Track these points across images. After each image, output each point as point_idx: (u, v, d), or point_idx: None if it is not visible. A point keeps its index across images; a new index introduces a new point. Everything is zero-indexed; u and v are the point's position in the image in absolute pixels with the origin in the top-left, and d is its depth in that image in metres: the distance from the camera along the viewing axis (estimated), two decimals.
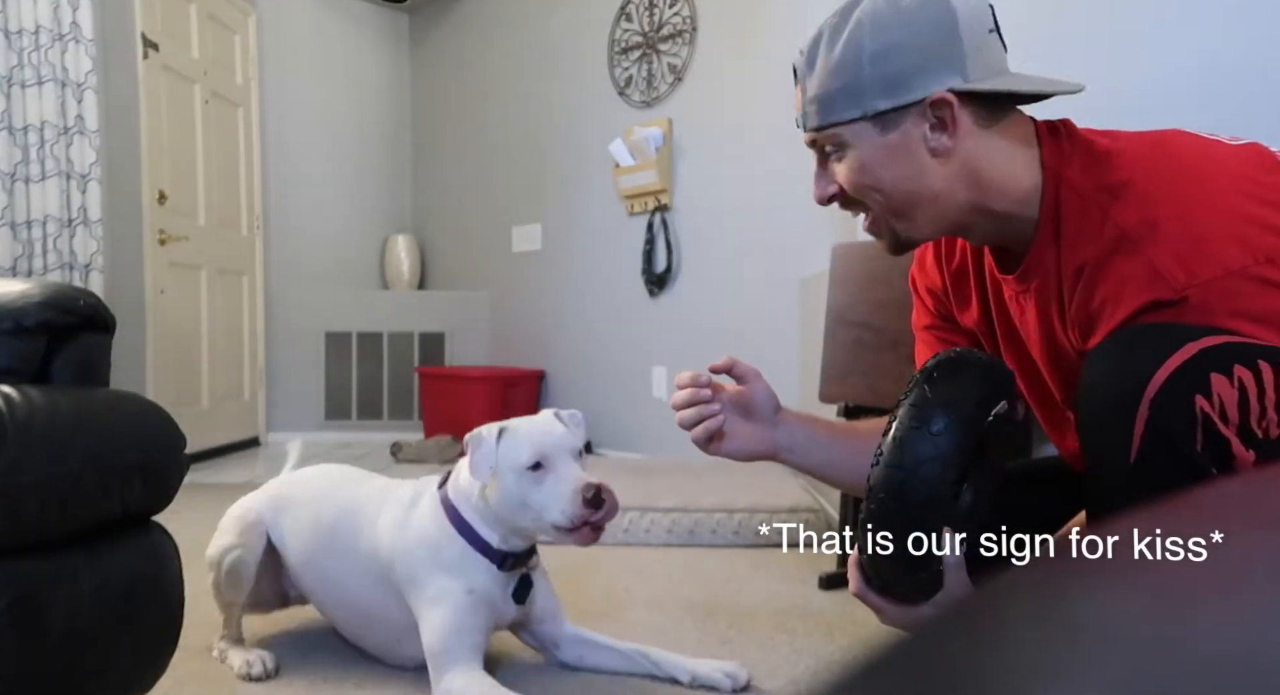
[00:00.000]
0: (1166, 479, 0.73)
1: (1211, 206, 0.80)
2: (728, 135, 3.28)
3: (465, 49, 4.61)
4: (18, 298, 1.02)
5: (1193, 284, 0.77)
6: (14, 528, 0.85)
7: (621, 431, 3.70)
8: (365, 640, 1.39)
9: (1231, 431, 0.71)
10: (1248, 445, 0.71)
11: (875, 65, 0.86)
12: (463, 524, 1.26)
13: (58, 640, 0.89)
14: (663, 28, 3.52)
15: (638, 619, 1.62)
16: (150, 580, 1.02)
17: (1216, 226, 0.78)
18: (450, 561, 1.25)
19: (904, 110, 0.87)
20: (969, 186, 0.90)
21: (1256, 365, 0.71)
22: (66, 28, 2.86)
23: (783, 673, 1.35)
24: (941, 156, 0.88)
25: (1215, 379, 0.71)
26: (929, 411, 0.84)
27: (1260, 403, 0.70)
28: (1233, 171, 0.82)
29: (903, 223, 0.94)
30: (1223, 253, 0.77)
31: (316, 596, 1.42)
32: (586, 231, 3.90)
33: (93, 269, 2.92)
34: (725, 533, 2.20)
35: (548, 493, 1.19)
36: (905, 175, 0.89)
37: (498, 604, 1.28)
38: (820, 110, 0.90)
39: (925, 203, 0.91)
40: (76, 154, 2.89)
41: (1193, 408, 0.71)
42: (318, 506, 1.41)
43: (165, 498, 1.03)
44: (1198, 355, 0.72)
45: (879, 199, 0.92)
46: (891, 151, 0.89)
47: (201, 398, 3.73)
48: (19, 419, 0.87)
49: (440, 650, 1.21)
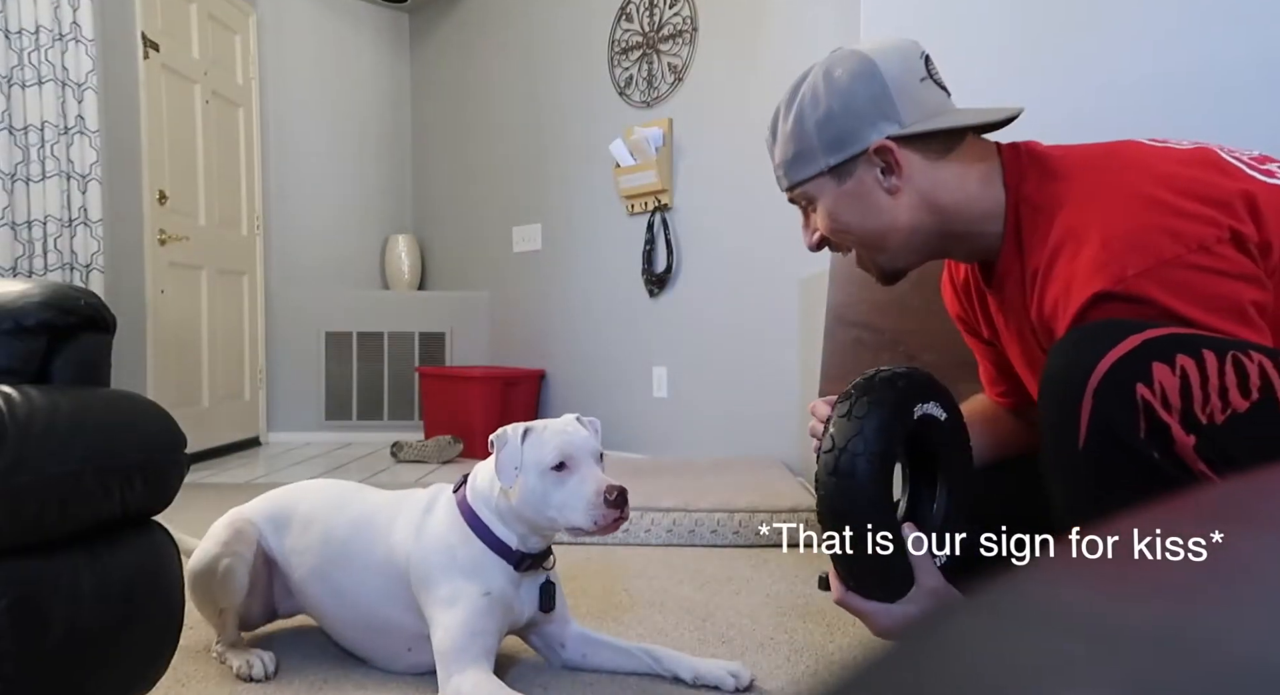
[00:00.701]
0: (1114, 466, 0.77)
1: (1143, 203, 0.84)
2: (728, 135, 3.28)
3: (466, 49, 4.61)
4: (18, 298, 1.02)
5: (1128, 275, 0.81)
6: (14, 528, 0.85)
7: (622, 431, 3.70)
8: (373, 651, 1.37)
9: (1174, 418, 0.74)
10: (1188, 431, 0.73)
11: (820, 131, 1.00)
12: (480, 526, 1.26)
13: (58, 640, 0.89)
14: (663, 28, 3.52)
15: (638, 619, 1.62)
16: (151, 580, 1.02)
17: (1148, 220, 0.83)
18: (467, 563, 1.25)
19: (853, 161, 0.99)
20: (930, 214, 1.00)
21: (1200, 353, 0.74)
22: (67, 28, 2.86)
23: (783, 673, 1.35)
24: (896, 194, 1.00)
25: (1157, 367, 0.74)
26: (853, 402, 0.94)
27: (1204, 390, 0.73)
28: (1168, 170, 0.87)
29: (882, 255, 1.05)
30: (1155, 243, 0.81)
31: (323, 610, 1.41)
32: (587, 231, 3.90)
33: (93, 269, 2.92)
34: (725, 533, 2.20)
35: (570, 492, 1.19)
36: (867, 215, 1.02)
37: (513, 607, 1.28)
38: (786, 173, 1.06)
39: (893, 235, 1.02)
40: (77, 154, 2.89)
41: (1134, 395, 0.74)
42: (328, 521, 1.39)
43: (166, 498, 1.03)
44: (1141, 345, 0.75)
45: (853, 239, 1.05)
46: (851, 197, 1.01)
47: (202, 398, 3.73)
48: (19, 419, 0.87)
49: (451, 651, 1.20)
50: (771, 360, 3.12)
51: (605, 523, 1.18)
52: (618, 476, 1.25)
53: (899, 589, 0.97)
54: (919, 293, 1.64)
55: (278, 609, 1.48)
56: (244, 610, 1.41)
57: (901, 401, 0.96)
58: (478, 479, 1.30)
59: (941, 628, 0.21)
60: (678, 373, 3.53)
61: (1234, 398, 0.73)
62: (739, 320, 3.26)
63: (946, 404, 1.03)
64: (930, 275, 1.62)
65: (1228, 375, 0.73)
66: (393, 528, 1.33)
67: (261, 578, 1.43)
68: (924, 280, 1.64)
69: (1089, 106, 1.63)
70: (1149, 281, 0.80)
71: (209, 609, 1.41)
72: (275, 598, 1.47)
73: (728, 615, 1.64)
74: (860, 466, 0.91)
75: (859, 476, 0.91)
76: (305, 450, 4.03)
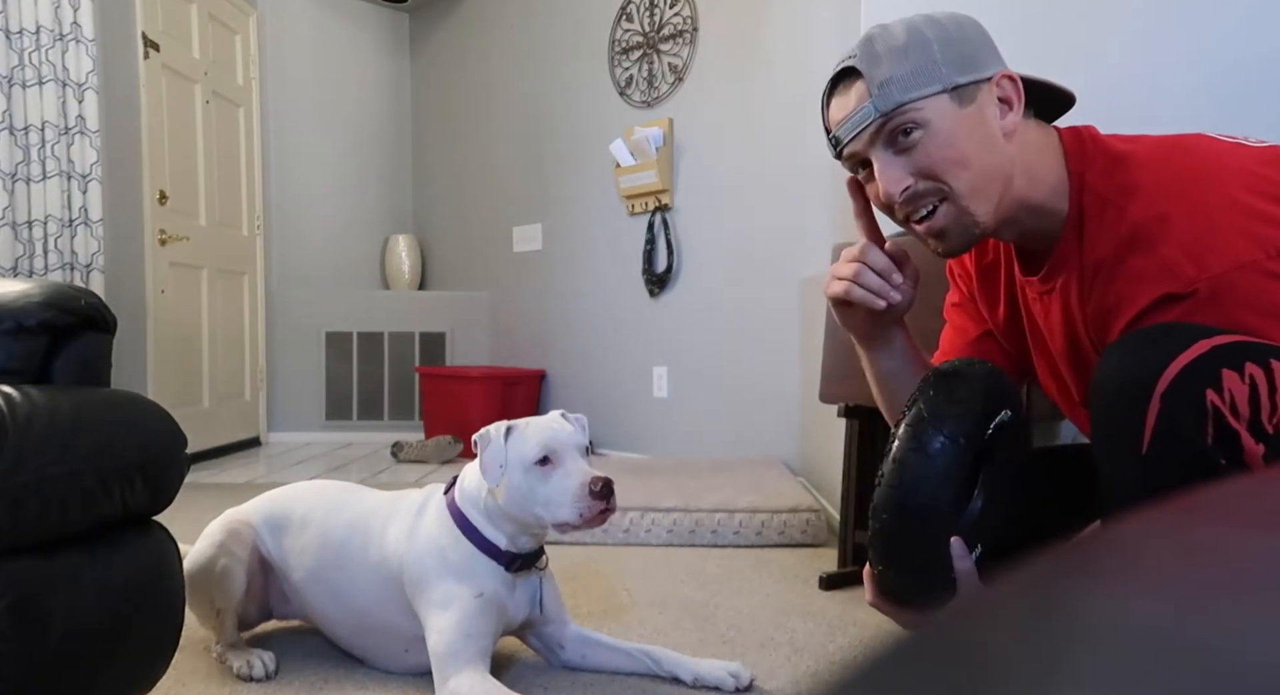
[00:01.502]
0: (1177, 471, 0.75)
1: (1220, 203, 0.81)
2: (728, 135, 3.28)
3: (466, 49, 4.61)
4: (18, 298, 1.02)
5: (1202, 277, 0.79)
6: (15, 528, 0.85)
7: (622, 431, 3.70)
8: (371, 652, 1.38)
9: (1242, 425, 0.72)
10: (1258, 439, 0.72)
11: (945, 48, 0.90)
12: (470, 527, 1.26)
13: (59, 640, 0.89)
14: (663, 28, 3.52)
15: (639, 619, 1.62)
16: (151, 580, 1.02)
17: (1226, 222, 0.80)
18: (458, 565, 1.25)
19: (978, 85, 0.90)
20: (1021, 173, 0.93)
21: (1269, 363, 0.72)
22: (67, 28, 2.86)
23: (783, 673, 1.35)
24: (1008, 137, 0.91)
25: (1226, 374, 0.72)
26: (925, 432, 0.84)
27: (1271, 399, 0.72)
28: (1245, 168, 0.83)
29: (981, 205, 0.92)
30: (1232, 247, 0.79)
31: (320, 612, 1.41)
32: (587, 231, 3.90)
33: (93, 269, 2.92)
34: (726, 533, 2.20)
35: (555, 487, 1.19)
36: (987, 148, 0.91)
37: (507, 608, 1.28)
38: (898, 89, 0.90)
39: (1000, 182, 0.92)
40: (77, 154, 2.89)
41: (1203, 401, 0.73)
42: (324, 523, 1.39)
43: (166, 498, 1.03)
44: (1210, 351, 0.73)
45: (964, 176, 0.90)
46: (972, 123, 0.90)
47: (202, 398, 3.73)
48: (20, 419, 0.87)
49: (446, 654, 1.20)
50: (772, 360, 3.12)
51: (591, 515, 1.18)
52: (618, 477, 1.25)
53: (943, 603, 0.86)
54: (919, 293, 1.64)
55: (274, 611, 1.48)
56: (240, 611, 1.40)
57: (981, 421, 0.86)
58: (465, 480, 1.30)
59: (944, 627, 0.21)
60: (678, 373, 3.53)
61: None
62: (740, 320, 3.26)
63: (1016, 404, 0.93)
64: (930, 276, 1.62)
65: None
66: (387, 530, 1.33)
67: (258, 579, 1.43)
68: (924, 281, 1.64)
69: (1090, 106, 1.63)
70: (1221, 286, 0.78)
71: (205, 610, 1.41)
72: (271, 600, 1.47)
73: (728, 615, 1.64)
74: (929, 510, 0.82)
75: (930, 522, 0.83)
76: (305, 450, 4.03)
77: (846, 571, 1.84)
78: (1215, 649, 0.18)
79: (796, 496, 2.28)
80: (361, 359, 4.35)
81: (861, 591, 1.76)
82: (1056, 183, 0.93)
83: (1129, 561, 0.25)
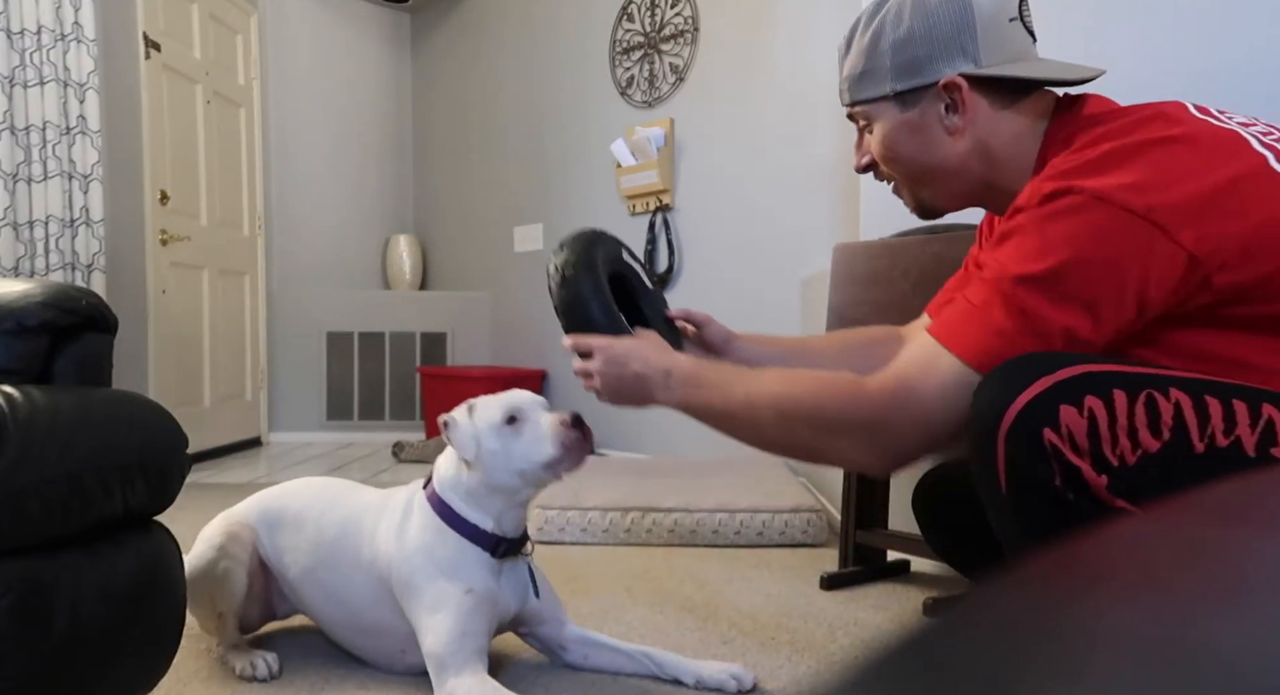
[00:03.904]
0: (1037, 511, 0.77)
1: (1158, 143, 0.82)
2: (729, 135, 3.28)
3: (467, 49, 4.61)
4: (20, 298, 1.02)
5: (1086, 186, 0.80)
6: (16, 527, 0.85)
7: (623, 432, 3.70)
8: (368, 652, 1.37)
9: (1084, 460, 0.73)
10: (1100, 471, 0.73)
11: (895, 52, 0.97)
12: (453, 515, 1.26)
13: (60, 640, 0.89)
14: (664, 28, 3.52)
15: (640, 619, 1.62)
16: (152, 580, 1.02)
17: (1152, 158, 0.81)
18: (446, 561, 1.24)
19: (921, 91, 0.97)
20: (980, 161, 0.98)
21: (1110, 394, 0.73)
22: (69, 28, 2.86)
23: (785, 673, 1.35)
24: (955, 134, 0.97)
25: (1065, 410, 0.73)
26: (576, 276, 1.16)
27: (1111, 431, 0.72)
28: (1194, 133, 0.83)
29: (925, 191, 1.05)
30: (1138, 182, 0.79)
31: (316, 611, 1.40)
32: None
33: (95, 269, 2.92)
34: (727, 533, 2.20)
35: (529, 437, 1.22)
36: (921, 150, 1.00)
37: (498, 602, 1.27)
38: (851, 88, 1.03)
39: (940, 175, 1.01)
40: (78, 154, 2.89)
41: (1042, 441, 0.74)
42: (318, 521, 1.39)
43: (167, 498, 1.03)
44: (1050, 388, 0.74)
45: (901, 170, 1.04)
46: (910, 128, 0.99)
47: (203, 398, 3.74)
48: (21, 419, 0.87)
49: (442, 655, 1.19)
50: None
51: (571, 443, 1.20)
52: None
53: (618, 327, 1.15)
54: (920, 294, 1.64)
55: (275, 611, 1.48)
56: (242, 613, 1.40)
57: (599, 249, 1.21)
58: (441, 470, 1.30)
59: (944, 628, 0.21)
60: None
61: (1144, 438, 0.72)
62: (740, 320, 3.23)
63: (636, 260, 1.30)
64: (931, 276, 1.62)
65: (1138, 415, 0.72)
66: (377, 530, 1.32)
67: (258, 579, 1.42)
68: (925, 281, 1.64)
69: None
70: (1098, 205, 0.78)
71: (206, 613, 1.41)
72: (273, 599, 1.46)
73: (729, 615, 1.64)
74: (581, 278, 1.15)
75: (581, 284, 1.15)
76: (306, 450, 4.03)
77: (848, 572, 1.84)
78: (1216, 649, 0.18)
79: (797, 496, 2.28)
80: (363, 359, 4.35)
81: (863, 592, 1.77)
82: (1024, 165, 0.96)
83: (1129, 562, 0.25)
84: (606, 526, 2.22)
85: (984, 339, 0.82)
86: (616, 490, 2.35)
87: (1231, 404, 0.73)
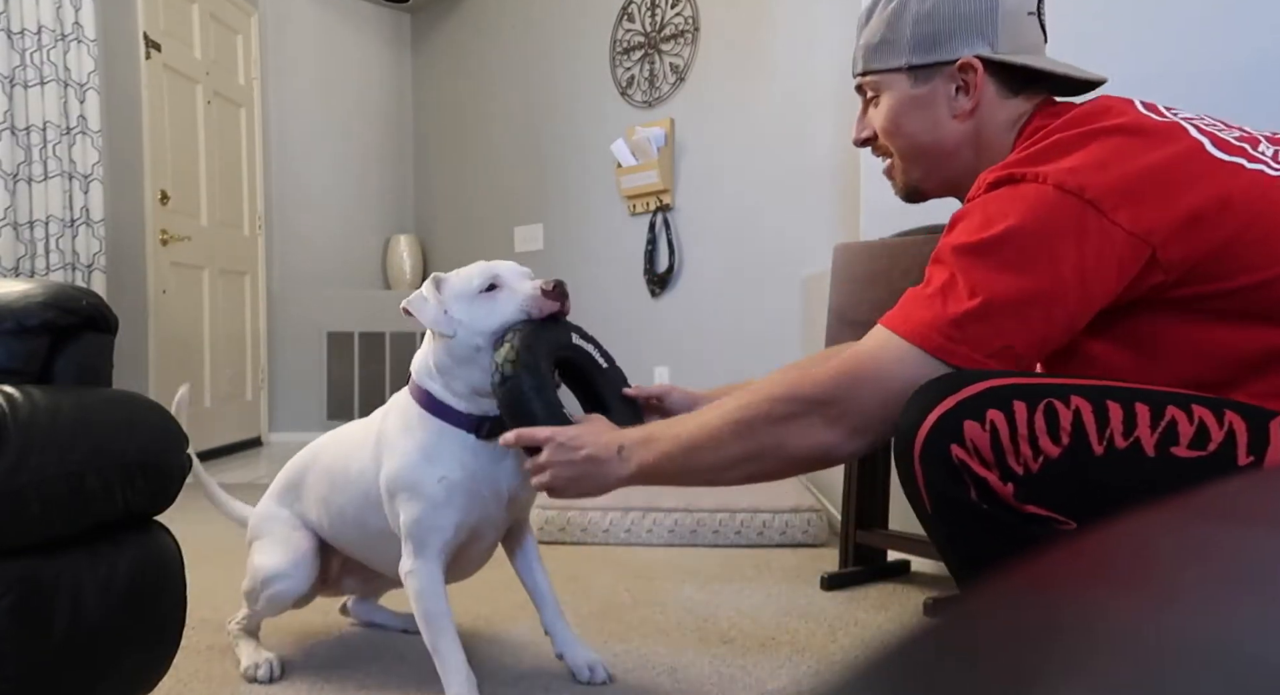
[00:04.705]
0: (959, 523, 0.80)
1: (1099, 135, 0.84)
2: (729, 135, 3.28)
3: (467, 49, 4.61)
4: (20, 298, 1.02)
5: (1038, 171, 0.82)
6: (17, 527, 0.85)
7: None
8: (379, 562, 1.36)
9: (990, 472, 0.76)
10: (1005, 480, 0.75)
11: (917, 25, 0.97)
12: (430, 401, 1.22)
13: (60, 640, 0.89)
14: (664, 28, 3.52)
15: (640, 619, 1.62)
16: (153, 580, 1.02)
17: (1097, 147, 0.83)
18: (426, 444, 1.21)
19: (935, 68, 0.98)
20: (973, 150, 0.99)
21: (1010, 406, 0.75)
22: (69, 28, 2.86)
23: (785, 673, 1.35)
24: (959, 118, 0.98)
25: (968, 425, 0.76)
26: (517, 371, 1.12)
27: (1013, 441, 0.75)
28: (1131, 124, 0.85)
29: (916, 171, 1.05)
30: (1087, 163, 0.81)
31: (337, 536, 1.38)
32: (588, 231, 3.90)
33: (95, 269, 2.93)
34: (727, 533, 2.20)
35: (505, 301, 1.18)
36: (923, 128, 1.00)
37: (481, 491, 1.21)
38: (866, 57, 1.03)
39: (935, 157, 1.02)
40: (79, 154, 2.89)
41: (950, 457, 0.76)
42: (325, 456, 1.38)
43: (168, 498, 1.03)
44: (955, 405, 0.77)
45: (900, 146, 1.04)
46: (918, 103, 1.00)
47: (204, 398, 3.74)
48: (21, 419, 0.87)
49: (409, 541, 1.21)
50: (773, 360, 3.11)
51: (544, 316, 1.17)
52: None
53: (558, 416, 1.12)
54: None
55: (329, 576, 1.45)
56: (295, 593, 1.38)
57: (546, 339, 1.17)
58: (416, 363, 1.27)
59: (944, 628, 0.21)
60: (680, 373, 3.53)
61: (1045, 444, 0.74)
62: (741, 320, 3.26)
63: (596, 343, 1.27)
64: None
65: (1037, 424, 0.74)
66: (365, 442, 1.31)
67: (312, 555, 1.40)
68: None
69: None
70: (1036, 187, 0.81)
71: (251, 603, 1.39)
72: (328, 566, 1.44)
73: (729, 615, 1.64)
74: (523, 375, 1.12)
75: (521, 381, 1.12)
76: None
77: (848, 572, 1.84)
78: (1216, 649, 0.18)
79: (798, 497, 2.28)
80: (363, 359, 4.35)
81: (864, 592, 1.77)
82: (1000, 155, 0.97)
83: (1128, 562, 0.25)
84: (606, 526, 2.22)
85: (930, 312, 0.83)
86: (616, 490, 2.35)
87: (1134, 406, 0.75)
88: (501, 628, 1.57)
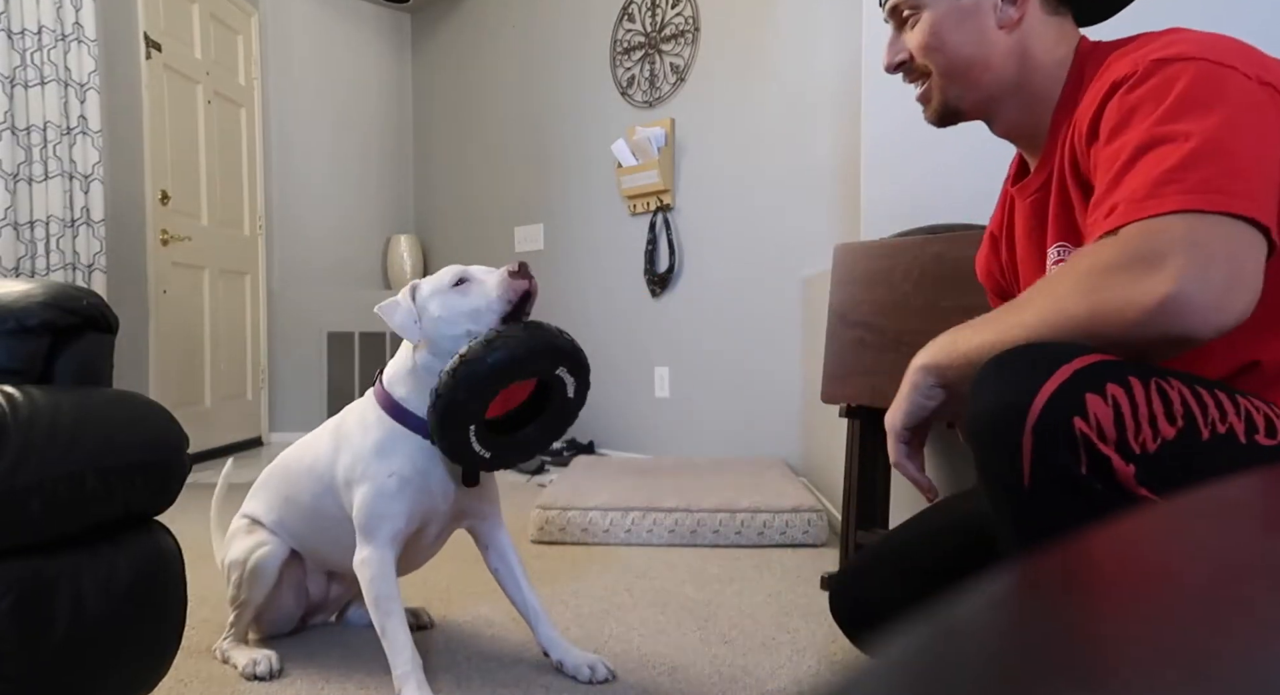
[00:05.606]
0: (1062, 501, 0.76)
1: (1225, 40, 0.84)
2: (730, 135, 3.28)
3: (467, 49, 4.61)
4: (20, 298, 1.02)
5: (1207, 56, 0.80)
6: (17, 528, 0.85)
7: (624, 432, 3.70)
8: (335, 555, 1.40)
9: (1111, 449, 0.73)
10: (1127, 460, 0.73)
11: None
12: (391, 404, 1.29)
13: (60, 640, 0.89)
14: (665, 28, 3.52)
15: (640, 619, 1.62)
16: (153, 580, 1.02)
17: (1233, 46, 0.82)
18: (379, 443, 1.28)
19: None
20: (1018, 63, 0.99)
21: (1127, 381, 0.73)
22: (69, 28, 2.86)
23: (785, 673, 1.35)
24: (1005, 28, 0.98)
25: (1090, 399, 0.73)
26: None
27: (1135, 418, 0.72)
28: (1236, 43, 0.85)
29: (954, 88, 1.02)
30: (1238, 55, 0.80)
31: (298, 535, 1.44)
32: (589, 231, 3.90)
33: (95, 269, 2.93)
34: (728, 533, 2.20)
35: (476, 291, 1.24)
36: (969, 40, 0.99)
37: (430, 487, 1.29)
38: None
39: (977, 70, 1.00)
40: (79, 154, 2.89)
41: (1073, 431, 0.73)
42: (286, 462, 1.45)
43: (168, 498, 1.03)
44: (1072, 376, 0.74)
45: (939, 61, 1.01)
46: (963, 15, 0.99)
47: (204, 398, 3.74)
48: (21, 419, 0.87)
49: (361, 529, 1.26)
50: (774, 360, 3.12)
51: (516, 295, 1.22)
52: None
53: None
54: (922, 293, 1.64)
55: (310, 598, 1.52)
56: (278, 610, 1.45)
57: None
58: (389, 366, 1.33)
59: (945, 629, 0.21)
60: (680, 373, 3.53)
61: (1163, 425, 0.72)
62: (741, 320, 3.26)
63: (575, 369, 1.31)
64: (931, 276, 1.62)
65: (1154, 403, 0.73)
66: (322, 438, 1.38)
67: (289, 574, 1.46)
68: (925, 282, 1.64)
69: None
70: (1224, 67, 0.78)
71: (237, 601, 1.43)
72: (306, 583, 1.50)
73: (730, 615, 1.64)
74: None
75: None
76: None
77: None
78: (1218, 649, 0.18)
79: (798, 497, 2.28)
80: (363, 359, 4.35)
81: None
82: (1058, 75, 0.98)
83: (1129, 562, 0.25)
84: (607, 526, 2.22)
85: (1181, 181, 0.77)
86: (616, 490, 2.35)
87: (1215, 392, 0.74)
88: (502, 628, 1.58)
